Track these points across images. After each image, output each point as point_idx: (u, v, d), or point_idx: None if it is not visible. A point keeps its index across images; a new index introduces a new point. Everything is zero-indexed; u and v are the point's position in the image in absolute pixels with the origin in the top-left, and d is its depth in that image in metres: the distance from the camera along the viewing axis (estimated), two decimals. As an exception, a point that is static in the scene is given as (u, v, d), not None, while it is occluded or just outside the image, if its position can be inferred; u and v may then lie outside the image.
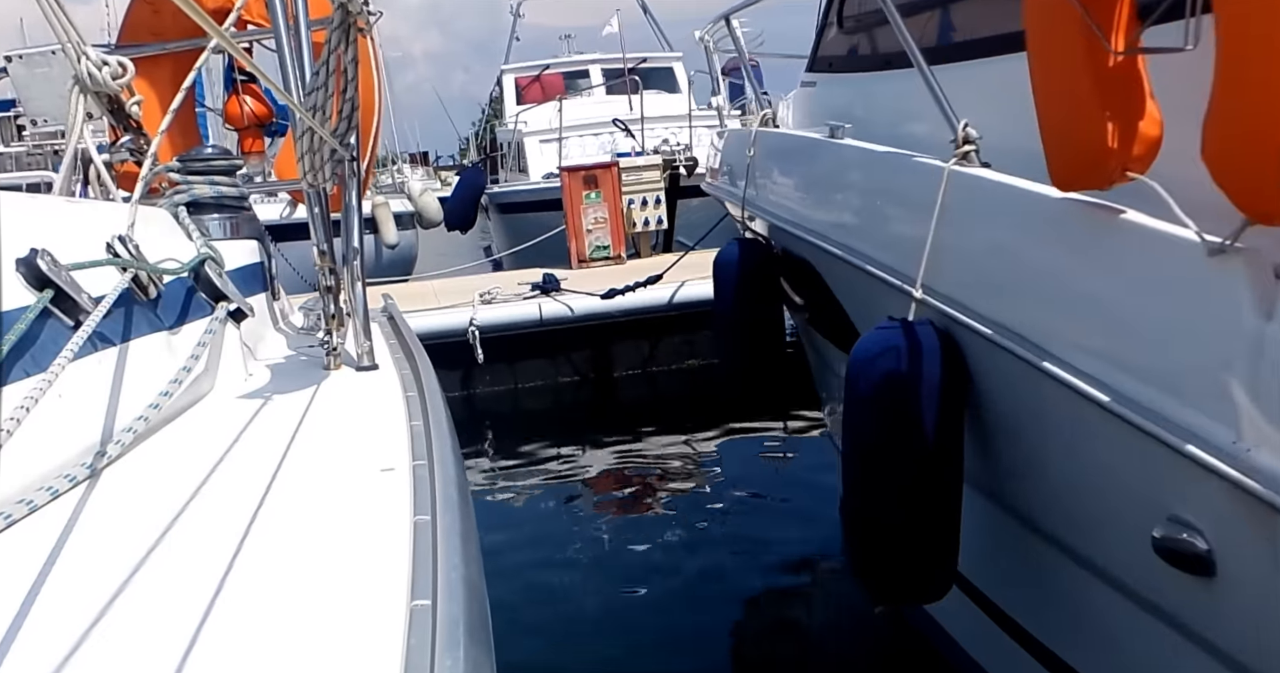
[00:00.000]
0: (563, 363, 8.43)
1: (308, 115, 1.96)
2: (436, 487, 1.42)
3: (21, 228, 1.59)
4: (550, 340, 8.24)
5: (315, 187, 2.20)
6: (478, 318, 7.79)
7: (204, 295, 2.20)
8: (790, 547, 5.01)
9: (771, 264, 3.99)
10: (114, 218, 2.04)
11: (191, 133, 4.85)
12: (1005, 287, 2.13)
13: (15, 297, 1.47)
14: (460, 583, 1.13)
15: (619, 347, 8.44)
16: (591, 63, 16.91)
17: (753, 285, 4.08)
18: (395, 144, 24.74)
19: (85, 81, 2.55)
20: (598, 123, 13.87)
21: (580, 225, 10.40)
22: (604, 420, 7.90)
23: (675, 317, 8.25)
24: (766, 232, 4.03)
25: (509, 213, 14.65)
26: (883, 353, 2.30)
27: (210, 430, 1.82)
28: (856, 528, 2.54)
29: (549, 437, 7.27)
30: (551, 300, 8.24)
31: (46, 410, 1.34)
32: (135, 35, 4.43)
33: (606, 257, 10.41)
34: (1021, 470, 2.34)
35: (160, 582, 1.16)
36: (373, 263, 13.40)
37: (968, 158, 2.30)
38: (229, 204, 2.77)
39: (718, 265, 4.16)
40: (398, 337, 2.74)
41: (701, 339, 8.25)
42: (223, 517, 1.35)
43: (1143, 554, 1.75)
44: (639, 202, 10.82)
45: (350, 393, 2.13)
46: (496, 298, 8.25)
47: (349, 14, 1.99)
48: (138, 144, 2.80)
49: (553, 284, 8.50)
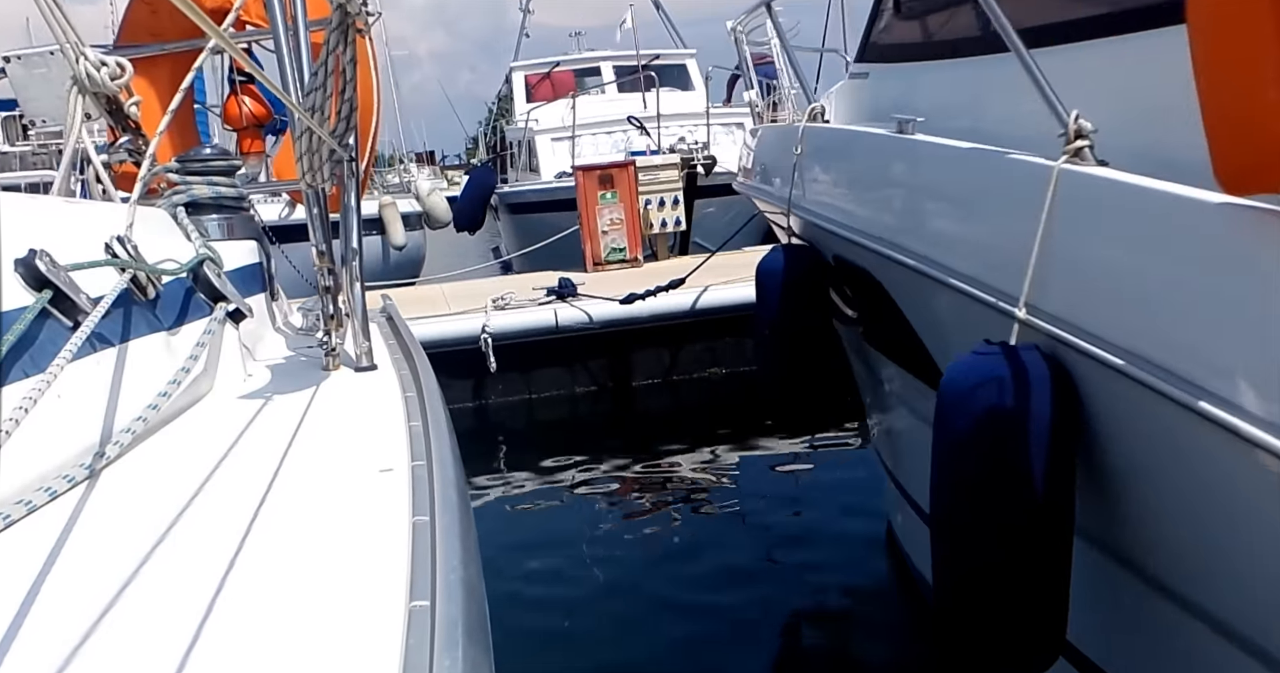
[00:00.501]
0: (579, 372, 8.05)
1: (306, 116, 1.96)
2: (435, 487, 1.42)
3: (20, 228, 1.59)
4: (566, 348, 7.86)
5: (314, 187, 2.20)
6: (490, 325, 7.43)
7: (203, 296, 2.20)
8: (825, 572, 4.70)
9: (821, 272, 3.66)
10: (112, 218, 2.04)
11: (190, 133, 4.84)
12: (1136, 306, 1.82)
13: (14, 297, 1.47)
14: (459, 584, 1.13)
15: (638, 355, 8.08)
16: (603, 60, 16.53)
17: (799, 295, 3.72)
18: (402, 143, 24.54)
19: (84, 82, 2.55)
20: (610, 121, 13.50)
21: (595, 227, 10.02)
22: (622, 432, 7.57)
23: (697, 323, 7.91)
24: (812, 236, 3.71)
25: (520, 213, 14.34)
26: (982, 383, 2.01)
27: (209, 431, 1.82)
28: (948, 587, 2.23)
29: (565, 450, 6.93)
30: (568, 306, 7.84)
31: (45, 411, 1.34)
32: (134, 36, 4.42)
33: (622, 259, 10.05)
34: (1148, 522, 2.05)
35: (159, 582, 1.16)
36: (380, 265, 13.33)
37: (1080, 155, 1.98)
38: (228, 204, 2.77)
39: (761, 272, 3.82)
40: (396, 337, 2.74)
41: (725, 347, 8.01)
42: (221, 517, 1.35)
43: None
44: (656, 202, 10.43)
45: (349, 394, 2.13)
46: (510, 303, 7.90)
47: (347, 15, 1.99)
48: (136, 145, 2.80)
49: (569, 289, 8.12)
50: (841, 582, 4.64)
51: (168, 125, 2.68)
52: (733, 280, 7.64)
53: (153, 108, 3.55)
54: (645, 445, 6.94)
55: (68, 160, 2.71)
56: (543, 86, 16.21)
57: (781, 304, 3.73)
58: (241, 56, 1.43)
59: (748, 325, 7.08)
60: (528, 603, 4.47)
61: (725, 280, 7.77)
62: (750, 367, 7.44)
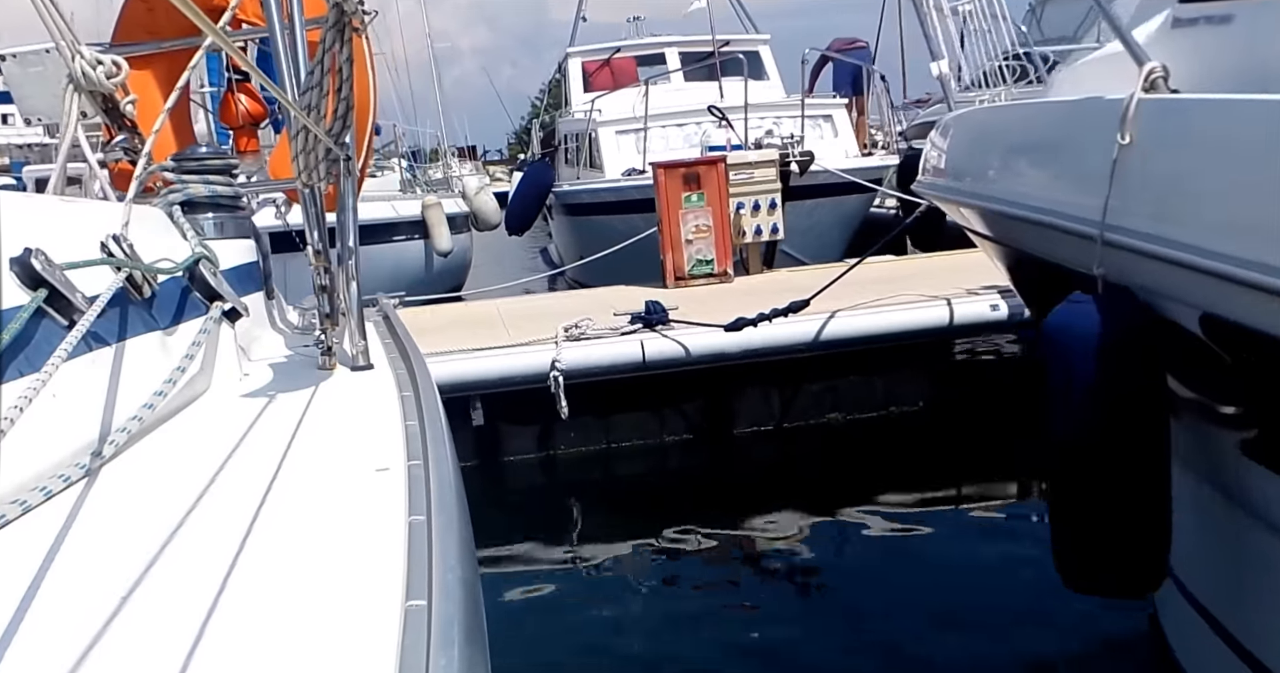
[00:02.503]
0: (670, 417, 6.65)
1: (302, 114, 1.95)
2: (431, 487, 1.42)
3: (15, 227, 1.59)
4: (654, 388, 6.49)
5: (310, 186, 2.20)
6: (563, 359, 6.01)
7: (198, 295, 2.19)
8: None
9: (1161, 339, 2.45)
10: (108, 217, 2.03)
11: (186, 132, 4.84)
12: None
13: (9, 296, 1.47)
14: (455, 583, 1.13)
15: (742, 396, 6.69)
16: (668, 46, 14.63)
17: (1121, 376, 2.47)
18: (444, 137, 22.61)
19: (79, 80, 2.55)
20: (682, 112, 11.79)
21: (678, 234, 8.56)
22: (721, 492, 6.13)
23: (816, 358, 6.45)
24: (1149, 280, 2.41)
25: (579, 215, 12.55)
26: None
27: (205, 430, 1.81)
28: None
29: (649, 513, 5.72)
30: (658, 336, 6.30)
31: (40, 410, 1.34)
32: (130, 34, 4.42)
33: (709, 273, 8.60)
34: None
35: (154, 582, 1.16)
36: (422, 273, 12.31)
37: None
38: (223, 203, 2.77)
39: (1056, 329, 2.62)
40: (393, 336, 2.74)
41: (848, 387, 6.67)
42: (217, 517, 1.35)
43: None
44: (749, 206, 8.88)
45: (345, 393, 2.13)
46: (587, 332, 6.38)
47: (344, 13, 1.99)
48: (132, 143, 2.80)
49: (658, 314, 6.53)
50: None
51: (163, 123, 2.68)
52: (862, 304, 6.52)
53: (148, 106, 3.55)
54: (750, 508, 5.59)
55: (63, 159, 2.71)
56: (601, 74, 14.52)
57: (1095, 393, 2.48)
58: (238, 54, 1.42)
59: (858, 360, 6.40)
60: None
61: (851, 305, 6.47)
62: (879, 411, 6.65)
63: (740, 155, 9.15)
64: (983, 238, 3.30)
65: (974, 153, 3.54)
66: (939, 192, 3.73)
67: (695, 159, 9.15)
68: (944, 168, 3.66)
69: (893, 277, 7.40)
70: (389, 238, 11.67)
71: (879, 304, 6.59)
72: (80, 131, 2.63)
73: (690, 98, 12.23)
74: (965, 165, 3.58)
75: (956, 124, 3.88)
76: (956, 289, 6.72)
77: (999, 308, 6.44)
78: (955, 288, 6.74)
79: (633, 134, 11.85)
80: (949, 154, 3.70)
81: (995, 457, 5.91)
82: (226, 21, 2.92)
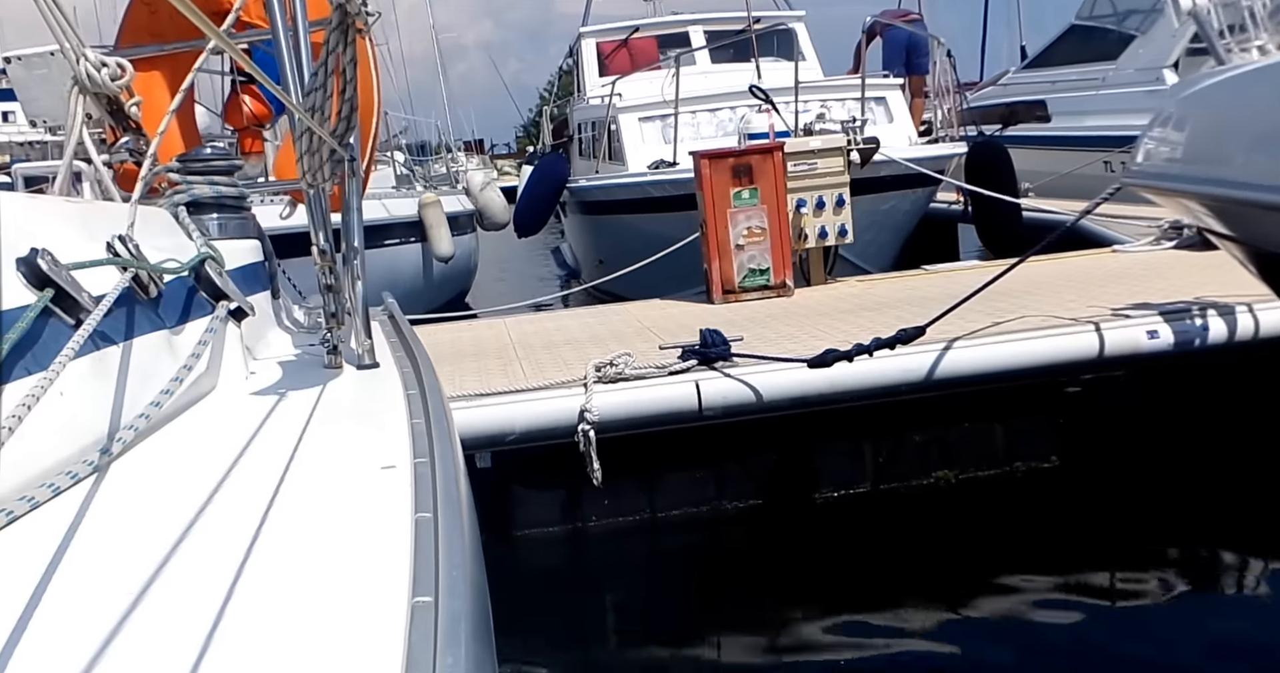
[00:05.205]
0: (732, 478, 5.09)
1: (306, 116, 1.96)
2: (438, 484, 1.43)
3: (22, 227, 1.60)
4: (712, 441, 4.96)
5: (314, 187, 2.21)
6: (594, 408, 4.60)
7: (204, 295, 2.21)
8: None
9: None
10: (114, 217, 2.04)
11: (191, 133, 4.86)
12: None
13: (16, 296, 1.48)
14: (462, 580, 1.14)
15: (824, 451, 5.13)
16: (692, 23, 12.89)
17: None
18: (449, 130, 21.02)
19: (84, 82, 2.56)
20: (712, 95, 10.14)
21: (726, 238, 6.99)
22: (799, 574, 4.55)
23: (918, 401, 4.96)
24: None
25: (598, 214, 10.94)
26: None
27: (212, 428, 1.83)
28: None
29: (705, 602, 4.35)
30: (720, 375, 4.77)
31: (48, 409, 1.35)
32: (134, 37, 4.44)
33: (765, 285, 7.05)
34: None
35: (162, 578, 1.17)
36: (420, 281, 10.98)
37: None
38: (229, 204, 2.78)
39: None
40: (398, 335, 2.76)
41: (959, 437, 5.12)
42: (224, 514, 1.36)
43: None
44: (811, 203, 7.38)
45: (351, 391, 2.14)
46: (625, 372, 4.81)
47: (347, 15, 2.00)
48: (137, 144, 2.81)
49: (720, 348, 4.93)
50: None
51: (168, 125, 2.69)
52: (982, 330, 5.01)
53: (153, 108, 3.56)
54: (837, 596, 4.25)
55: (68, 160, 2.72)
56: (619, 56, 12.87)
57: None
58: (242, 57, 1.43)
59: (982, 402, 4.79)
60: None
61: (969, 330, 4.97)
62: (1000, 468, 5.13)
63: (800, 143, 7.57)
64: (1229, 240, 2.46)
65: (1233, 130, 2.74)
66: (1169, 183, 2.92)
67: (746, 147, 7.50)
68: (1179, 152, 2.82)
69: (989, 291, 5.28)
70: (380, 242, 9.93)
71: (1003, 331, 5.03)
72: (86, 133, 2.65)
73: (719, 81, 10.63)
74: (1217, 147, 2.79)
75: (1208, 94, 2.89)
76: (1097, 308, 5.20)
77: (1158, 335, 4.89)
78: (1090, 306, 5.25)
79: (658, 121, 10.24)
80: (1192, 132, 2.83)
81: (1157, 526, 4.56)
82: (230, 24, 2.94)
